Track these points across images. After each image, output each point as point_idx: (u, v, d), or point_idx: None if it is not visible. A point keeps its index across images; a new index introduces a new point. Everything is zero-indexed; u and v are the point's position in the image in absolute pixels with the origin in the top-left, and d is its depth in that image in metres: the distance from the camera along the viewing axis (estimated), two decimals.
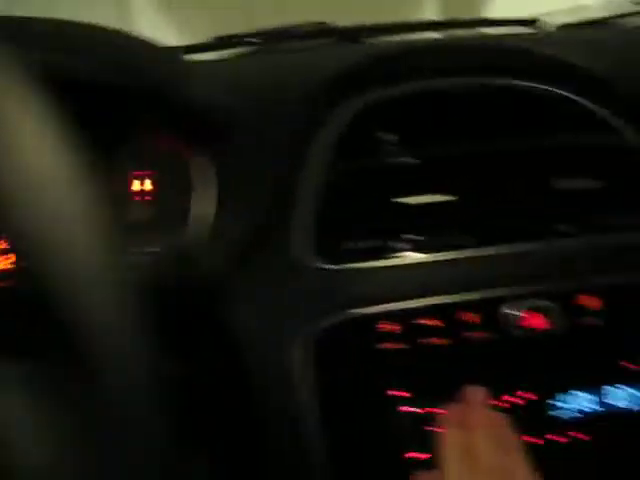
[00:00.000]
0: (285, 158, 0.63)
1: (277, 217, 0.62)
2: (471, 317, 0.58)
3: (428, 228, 0.62)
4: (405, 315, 0.58)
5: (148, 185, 0.65)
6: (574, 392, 0.60)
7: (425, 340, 0.58)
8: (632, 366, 0.61)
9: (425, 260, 0.60)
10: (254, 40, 0.89)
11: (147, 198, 0.64)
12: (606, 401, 0.60)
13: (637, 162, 0.65)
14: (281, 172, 0.63)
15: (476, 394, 0.52)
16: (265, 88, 0.69)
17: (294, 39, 0.89)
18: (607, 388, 0.60)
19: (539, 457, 0.54)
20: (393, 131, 0.68)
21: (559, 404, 0.60)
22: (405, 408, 0.58)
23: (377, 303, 0.58)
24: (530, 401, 0.59)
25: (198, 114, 0.62)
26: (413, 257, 0.61)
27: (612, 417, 0.60)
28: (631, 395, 0.60)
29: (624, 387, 0.60)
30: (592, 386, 0.60)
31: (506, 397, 0.59)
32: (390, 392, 0.58)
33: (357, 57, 0.69)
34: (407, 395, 0.59)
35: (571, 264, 0.60)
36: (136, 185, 0.64)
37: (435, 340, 0.58)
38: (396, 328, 0.58)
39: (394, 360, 0.58)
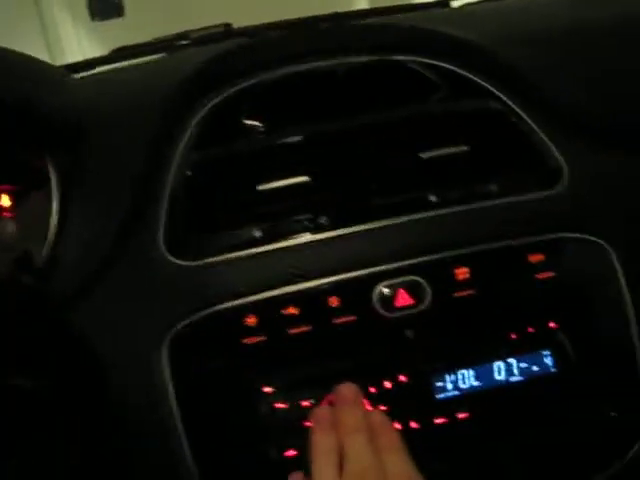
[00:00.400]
0: (141, 158, 0.62)
1: (135, 217, 0.60)
2: (336, 301, 0.56)
3: (286, 212, 0.59)
4: (267, 306, 0.56)
5: (7, 201, 0.63)
6: (454, 370, 0.57)
7: (290, 330, 0.56)
8: (511, 336, 0.58)
9: (284, 246, 0.58)
10: (157, 48, 0.89)
11: (6, 214, 0.62)
12: (487, 376, 0.57)
13: (500, 130, 0.64)
14: (138, 172, 0.61)
15: (347, 391, 0.50)
16: (128, 93, 0.68)
17: (198, 44, 0.88)
18: (486, 363, 0.57)
19: (421, 442, 0.52)
20: (248, 119, 0.67)
21: (439, 384, 0.57)
22: (273, 404, 0.56)
23: (238, 296, 0.56)
24: (409, 384, 0.57)
25: (56, 126, 0.61)
26: (272, 245, 0.58)
27: (494, 392, 0.57)
28: (513, 366, 0.57)
29: (505, 359, 0.57)
30: (471, 362, 0.57)
31: (384, 382, 0.56)
32: (257, 387, 0.56)
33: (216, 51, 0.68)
34: (274, 390, 0.56)
35: (436, 236, 0.58)
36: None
37: (301, 329, 0.56)
38: (257, 320, 0.55)
39: (258, 354, 0.56)
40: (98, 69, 0.84)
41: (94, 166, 0.61)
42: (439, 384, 0.57)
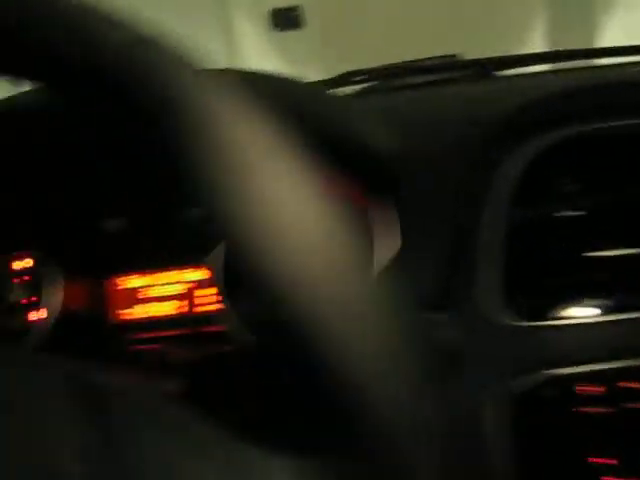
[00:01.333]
0: (462, 205, 0.62)
1: (459, 270, 0.61)
2: None
3: (622, 282, 0.58)
4: (608, 376, 0.55)
5: None
6: None
7: (632, 404, 0.54)
8: None
9: (625, 318, 0.57)
10: (382, 75, 0.89)
11: None
12: None
13: None
14: (459, 220, 0.62)
15: None
16: (426, 125, 0.68)
17: (421, 73, 0.87)
18: None
19: None
20: (575, 174, 0.65)
21: None
22: (609, 478, 0.54)
23: (575, 363, 0.55)
24: None
25: (375, 159, 0.62)
26: (609, 314, 0.57)
27: None
28: None
29: None
30: None
31: None
32: (593, 459, 0.55)
33: (540, 93, 0.67)
34: (612, 463, 0.55)
35: None
36: None
37: None
38: (599, 390, 0.55)
39: (597, 425, 0.55)
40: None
41: (413, 209, 0.63)
42: None
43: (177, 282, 0.79)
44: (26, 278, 0.80)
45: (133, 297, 0.79)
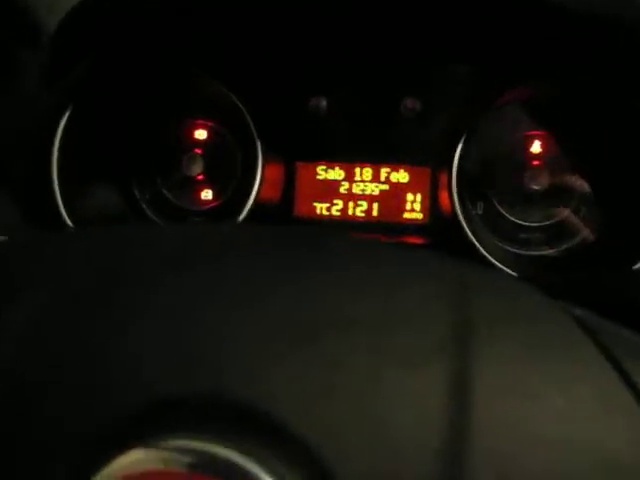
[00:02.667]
0: None
1: None
2: None
3: None
4: None
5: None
6: None
7: None
8: None
9: None
10: None
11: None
12: None
13: None
14: None
15: None
16: None
17: None
18: None
19: None
20: None
21: None
22: None
23: None
24: None
25: None
26: None
27: None
28: None
29: None
30: None
31: None
32: None
33: None
34: None
35: None
36: None
37: None
38: None
39: None
40: None
41: None
42: None
43: (377, 181, 0.69)
44: (213, 151, 0.71)
45: (327, 190, 0.70)
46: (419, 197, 0.68)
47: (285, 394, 0.19)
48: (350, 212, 0.69)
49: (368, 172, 0.69)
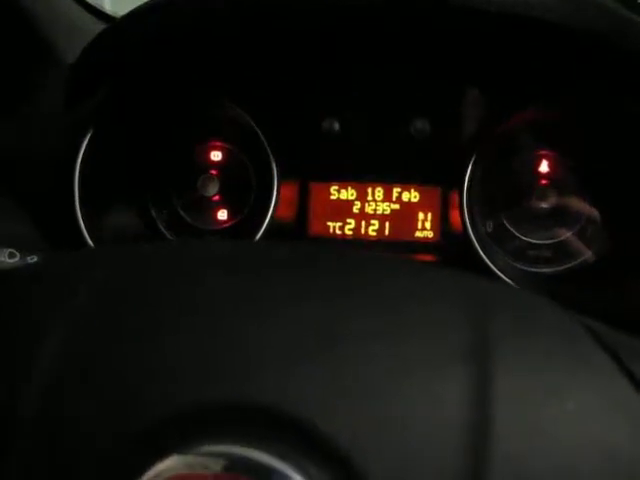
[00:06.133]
0: None
1: None
2: None
3: None
4: None
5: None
6: None
7: None
8: None
9: None
10: None
11: None
12: None
13: None
14: None
15: None
16: None
17: None
18: None
19: None
20: None
21: None
22: None
23: None
24: None
25: None
26: None
27: None
28: None
29: None
30: None
31: None
32: None
33: None
34: None
35: None
36: None
37: None
38: None
39: None
40: None
41: None
42: None
43: (389, 200, 0.71)
44: (228, 172, 0.73)
45: (340, 209, 0.71)
46: (430, 216, 0.70)
47: (311, 396, 0.20)
48: (362, 231, 0.71)
49: (380, 192, 0.71)
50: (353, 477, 0.19)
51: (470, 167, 0.63)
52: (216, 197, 0.73)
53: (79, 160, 0.63)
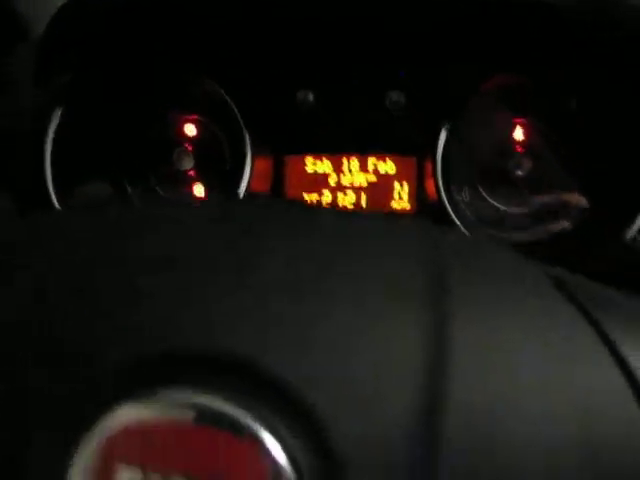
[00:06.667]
0: None
1: None
2: None
3: None
4: None
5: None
6: None
7: None
8: None
9: None
10: None
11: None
12: None
13: None
14: None
15: None
16: None
17: None
18: None
19: None
20: None
21: None
22: None
23: None
24: None
25: None
26: None
27: None
28: None
29: None
30: None
31: None
32: None
33: None
34: None
35: None
36: None
37: None
38: None
39: None
40: None
41: None
42: None
43: (364, 171, 0.70)
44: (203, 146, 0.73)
45: (316, 182, 0.71)
46: (406, 186, 0.69)
47: (274, 348, 0.20)
48: (339, 203, 0.71)
49: (355, 163, 0.70)
50: (315, 424, 0.19)
51: (443, 135, 0.63)
52: (191, 172, 0.73)
53: (50, 136, 0.63)
